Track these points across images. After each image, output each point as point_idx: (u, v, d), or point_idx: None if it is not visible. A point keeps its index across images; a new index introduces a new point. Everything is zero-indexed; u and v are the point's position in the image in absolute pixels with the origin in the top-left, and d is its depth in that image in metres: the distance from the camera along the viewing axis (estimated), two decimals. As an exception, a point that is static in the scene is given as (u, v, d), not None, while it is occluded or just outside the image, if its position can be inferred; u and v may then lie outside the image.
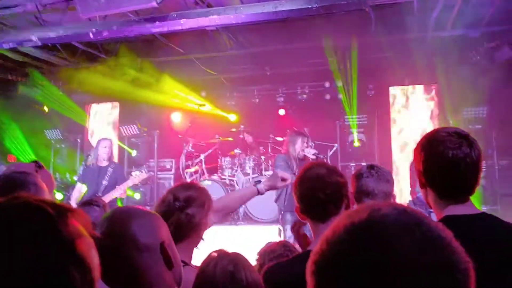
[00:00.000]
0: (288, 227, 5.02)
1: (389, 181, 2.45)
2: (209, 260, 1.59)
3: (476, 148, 1.54)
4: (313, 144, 6.92)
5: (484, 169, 7.23)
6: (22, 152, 8.89)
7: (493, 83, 6.69)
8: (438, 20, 6.16)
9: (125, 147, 8.81)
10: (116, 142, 8.41)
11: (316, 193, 1.80)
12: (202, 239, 2.04)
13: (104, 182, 5.68)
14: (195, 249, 2.03)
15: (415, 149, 1.65)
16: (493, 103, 7.35)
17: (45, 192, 2.03)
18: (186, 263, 1.82)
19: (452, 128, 1.60)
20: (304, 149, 5.43)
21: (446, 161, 1.52)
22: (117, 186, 5.58)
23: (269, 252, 2.47)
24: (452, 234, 0.69)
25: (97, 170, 5.77)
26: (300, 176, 1.91)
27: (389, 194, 2.43)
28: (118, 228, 1.35)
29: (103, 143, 5.90)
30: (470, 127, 7.41)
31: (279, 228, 5.62)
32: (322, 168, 1.87)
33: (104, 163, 5.83)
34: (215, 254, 1.61)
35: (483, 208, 6.56)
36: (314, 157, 5.36)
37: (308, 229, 1.97)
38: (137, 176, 5.71)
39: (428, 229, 0.66)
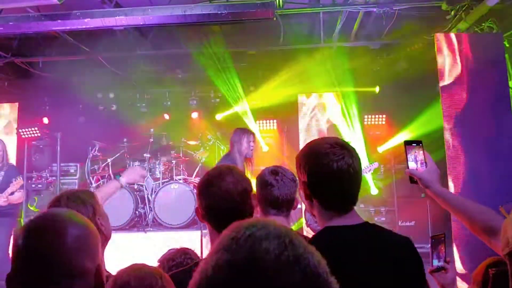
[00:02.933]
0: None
1: (293, 187, 2.46)
2: None
3: (357, 157, 1.57)
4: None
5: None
6: None
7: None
8: (342, 31, 6.48)
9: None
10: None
11: (223, 205, 1.74)
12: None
13: None
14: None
15: (299, 160, 1.62)
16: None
17: None
18: None
19: (333, 138, 1.60)
20: (251, 147, 5.11)
21: (331, 173, 1.52)
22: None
23: (169, 260, 2.43)
24: (327, 263, 0.70)
25: None
26: (208, 185, 1.79)
27: (293, 200, 2.46)
28: (46, 245, 1.00)
29: None
30: (370, 133, 7.91)
31: None
32: (230, 177, 1.78)
33: None
34: None
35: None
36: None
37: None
38: (17, 182, 5.34)
39: (306, 265, 0.67)
